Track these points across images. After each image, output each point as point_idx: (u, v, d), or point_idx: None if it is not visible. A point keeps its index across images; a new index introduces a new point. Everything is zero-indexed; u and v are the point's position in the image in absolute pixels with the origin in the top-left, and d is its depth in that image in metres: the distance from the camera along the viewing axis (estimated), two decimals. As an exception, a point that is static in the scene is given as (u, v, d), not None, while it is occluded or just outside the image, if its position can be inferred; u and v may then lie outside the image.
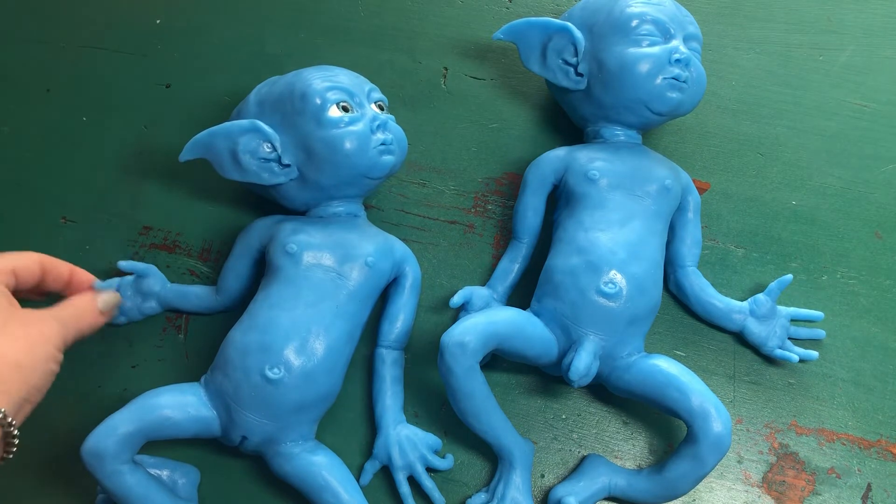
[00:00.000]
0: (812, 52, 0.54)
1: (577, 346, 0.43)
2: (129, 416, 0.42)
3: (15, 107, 0.56)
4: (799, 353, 0.47)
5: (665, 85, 0.46)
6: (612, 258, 0.44)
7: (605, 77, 0.47)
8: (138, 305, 0.50)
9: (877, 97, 0.53)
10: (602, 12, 0.48)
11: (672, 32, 0.47)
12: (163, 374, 0.50)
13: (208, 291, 0.50)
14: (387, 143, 0.45)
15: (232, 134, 0.45)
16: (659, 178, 0.47)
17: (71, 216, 0.54)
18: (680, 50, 0.46)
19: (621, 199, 0.46)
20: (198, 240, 0.53)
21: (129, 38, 0.56)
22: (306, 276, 0.44)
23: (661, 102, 0.46)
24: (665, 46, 0.46)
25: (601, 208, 0.46)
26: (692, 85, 0.47)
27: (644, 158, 0.48)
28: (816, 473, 0.47)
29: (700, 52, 0.48)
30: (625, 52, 0.47)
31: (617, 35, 0.47)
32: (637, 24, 0.47)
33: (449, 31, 0.55)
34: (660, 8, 0.47)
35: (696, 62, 0.47)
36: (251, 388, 0.42)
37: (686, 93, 0.47)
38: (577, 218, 0.46)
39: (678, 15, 0.48)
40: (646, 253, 0.45)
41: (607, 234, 0.45)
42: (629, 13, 0.47)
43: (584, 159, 0.48)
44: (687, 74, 0.46)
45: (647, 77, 0.46)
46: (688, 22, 0.48)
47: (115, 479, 0.41)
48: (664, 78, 0.46)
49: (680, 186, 0.48)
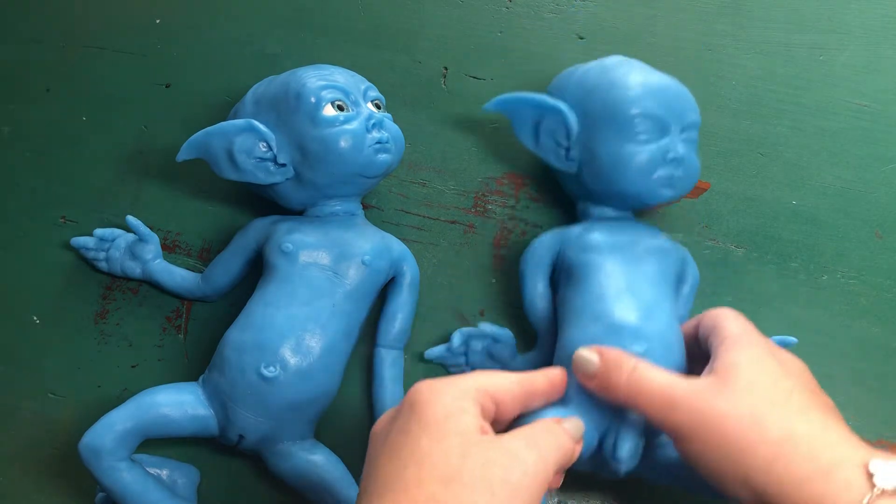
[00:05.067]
0: (813, 51, 0.54)
1: (617, 427, 0.40)
2: (126, 413, 0.42)
3: (15, 107, 0.56)
4: None
5: (658, 182, 0.44)
6: (631, 315, 0.42)
7: (597, 167, 0.45)
8: (122, 261, 0.50)
9: (878, 97, 0.53)
10: (597, 97, 0.46)
11: (670, 126, 0.44)
12: (163, 374, 0.50)
13: (194, 278, 0.50)
14: (382, 142, 0.45)
15: (228, 134, 0.45)
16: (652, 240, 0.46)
17: (71, 216, 0.54)
18: (676, 149, 0.44)
19: (621, 266, 0.44)
20: (198, 239, 0.53)
21: (129, 38, 0.56)
22: (302, 275, 0.44)
23: (653, 197, 0.45)
24: (660, 144, 0.44)
25: (603, 275, 0.44)
26: (685, 179, 0.45)
27: (639, 231, 0.46)
28: (816, 474, 0.47)
29: (696, 138, 0.46)
30: (619, 147, 0.44)
31: (612, 128, 0.45)
32: (634, 119, 0.44)
33: (449, 31, 0.55)
34: (659, 99, 0.44)
35: (690, 156, 0.45)
36: (247, 387, 0.42)
37: (678, 188, 0.45)
38: (582, 286, 0.44)
39: (678, 105, 0.45)
40: (664, 308, 0.43)
41: (619, 296, 0.42)
42: (626, 107, 0.44)
43: (577, 232, 0.46)
44: (680, 173, 0.45)
45: (639, 175, 0.44)
46: (688, 109, 0.46)
47: (111, 476, 0.42)
48: (658, 176, 0.44)
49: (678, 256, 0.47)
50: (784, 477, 0.32)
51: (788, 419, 0.33)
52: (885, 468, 0.30)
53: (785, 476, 0.32)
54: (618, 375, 0.37)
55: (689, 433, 0.34)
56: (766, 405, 0.34)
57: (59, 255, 0.53)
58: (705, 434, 0.34)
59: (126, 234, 0.51)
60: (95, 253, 0.51)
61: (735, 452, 0.33)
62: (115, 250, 0.51)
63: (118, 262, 0.51)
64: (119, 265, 0.51)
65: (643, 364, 0.37)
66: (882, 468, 0.30)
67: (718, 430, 0.34)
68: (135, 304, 0.52)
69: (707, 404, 0.34)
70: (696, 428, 0.34)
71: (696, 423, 0.34)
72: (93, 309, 0.52)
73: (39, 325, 0.52)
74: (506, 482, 0.30)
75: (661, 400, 0.35)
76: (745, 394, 0.34)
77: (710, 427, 0.34)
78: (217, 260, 0.49)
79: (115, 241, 0.51)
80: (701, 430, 0.34)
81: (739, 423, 0.33)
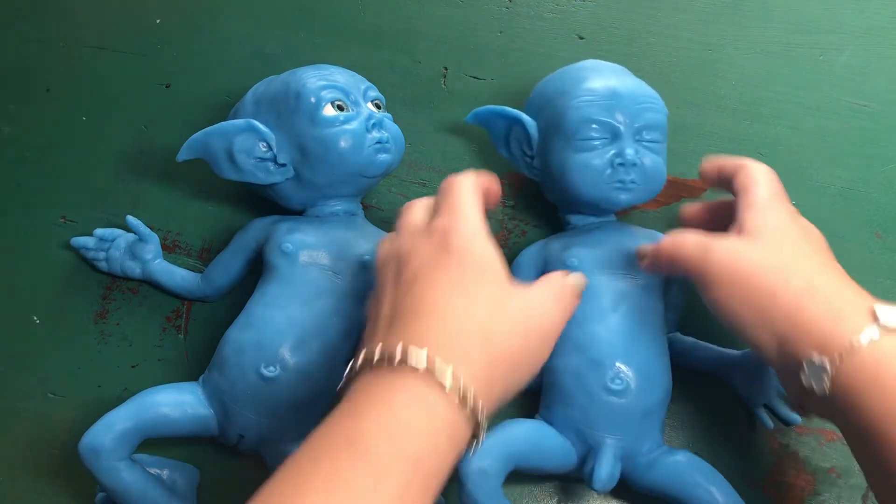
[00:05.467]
0: (812, 51, 0.54)
1: (596, 451, 0.42)
2: (126, 413, 0.42)
3: (15, 107, 0.56)
4: (783, 416, 0.46)
5: (611, 188, 0.44)
6: (613, 351, 0.42)
7: (552, 176, 0.46)
8: (122, 261, 0.50)
9: (877, 97, 0.53)
10: (550, 106, 0.46)
11: (620, 130, 0.44)
12: (163, 374, 0.50)
13: (194, 278, 0.50)
14: (382, 142, 0.45)
15: (227, 133, 0.45)
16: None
17: (71, 216, 0.54)
18: (624, 154, 0.43)
19: (606, 283, 0.44)
20: (198, 239, 0.53)
21: (129, 37, 0.56)
22: (302, 275, 0.44)
23: (611, 203, 0.45)
24: (607, 151, 0.44)
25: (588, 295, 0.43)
26: (644, 182, 0.44)
27: (622, 235, 0.46)
28: (817, 473, 0.47)
29: (660, 137, 0.45)
30: (567, 155, 0.44)
31: (560, 136, 0.45)
32: (579, 127, 0.44)
33: (449, 31, 0.55)
34: (605, 105, 0.44)
35: (646, 157, 0.44)
36: (247, 387, 0.42)
37: (636, 192, 0.44)
38: None
39: (630, 108, 0.44)
40: (645, 335, 0.43)
41: (601, 324, 0.43)
42: (570, 115, 0.44)
43: (559, 249, 0.46)
44: (633, 176, 0.44)
45: (588, 182, 0.44)
46: (644, 110, 0.44)
47: (111, 476, 0.42)
48: (609, 182, 0.44)
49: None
50: (802, 320, 0.35)
51: (809, 273, 0.37)
52: (888, 311, 0.34)
53: (803, 319, 0.35)
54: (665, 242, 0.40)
55: (720, 279, 0.37)
56: (790, 261, 0.37)
57: (59, 255, 0.53)
58: (735, 282, 0.37)
59: (126, 234, 0.51)
60: (95, 253, 0.51)
61: (761, 299, 0.36)
62: (115, 250, 0.51)
63: (118, 262, 0.51)
64: (119, 265, 0.51)
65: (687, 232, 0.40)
66: (885, 311, 0.34)
67: (747, 280, 0.37)
68: (135, 304, 0.52)
69: (738, 255, 0.38)
70: (727, 275, 0.37)
71: (727, 270, 0.37)
72: (93, 309, 0.52)
73: (39, 325, 0.52)
74: (539, 327, 0.35)
75: (698, 249, 0.38)
76: (772, 250, 0.37)
77: (739, 276, 0.37)
78: (217, 260, 0.49)
79: (115, 241, 0.51)
80: (731, 277, 0.37)
81: (766, 274, 0.37)
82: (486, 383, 0.31)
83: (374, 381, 0.31)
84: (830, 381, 0.34)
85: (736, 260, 0.38)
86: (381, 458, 0.28)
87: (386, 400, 0.30)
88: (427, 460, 0.29)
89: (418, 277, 0.34)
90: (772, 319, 0.36)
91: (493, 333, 0.33)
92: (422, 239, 0.36)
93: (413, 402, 0.30)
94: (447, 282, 0.34)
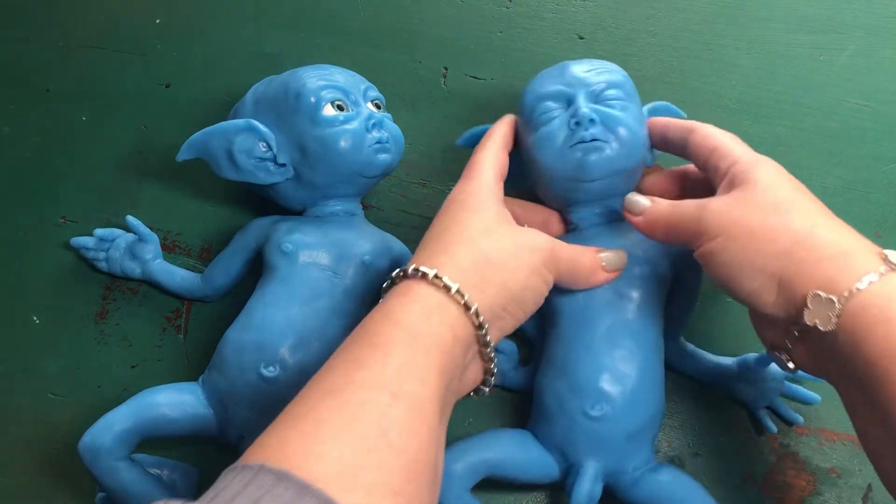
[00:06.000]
0: (813, 51, 0.54)
1: (577, 471, 0.42)
2: (126, 413, 0.42)
3: (15, 107, 0.56)
4: (785, 416, 0.46)
5: (575, 151, 0.42)
6: (597, 377, 0.41)
7: (530, 170, 0.45)
8: (122, 261, 0.50)
9: (878, 97, 0.53)
10: (518, 108, 0.46)
11: (574, 95, 0.42)
12: (162, 374, 0.50)
13: (194, 278, 0.50)
14: (382, 142, 0.45)
15: (227, 133, 0.45)
16: (644, 259, 0.43)
17: (71, 216, 0.54)
18: (579, 111, 0.41)
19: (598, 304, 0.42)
20: (198, 240, 0.53)
21: (129, 38, 0.56)
22: (302, 275, 0.44)
23: (582, 170, 0.42)
24: (565, 119, 0.42)
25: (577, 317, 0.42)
26: (614, 140, 0.42)
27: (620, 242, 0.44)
28: (817, 473, 0.47)
29: (623, 96, 0.43)
30: (531, 141, 0.44)
31: (526, 131, 0.44)
32: (535, 107, 0.43)
33: (449, 31, 0.55)
34: (557, 76, 0.44)
35: (609, 112, 0.42)
36: (247, 387, 0.42)
37: (608, 151, 0.42)
38: (557, 331, 0.44)
39: (582, 74, 0.43)
40: (635, 358, 0.42)
41: (587, 349, 0.42)
42: (526, 101, 0.44)
43: None
44: (594, 131, 0.41)
45: (552, 153, 0.42)
46: (597, 72, 0.43)
47: (111, 476, 0.42)
48: (570, 147, 0.42)
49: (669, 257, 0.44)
50: (805, 258, 0.35)
51: (811, 216, 0.36)
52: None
53: (805, 257, 0.35)
54: (661, 207, 0.40)
55: (717, 230, 0.37)
56: (789, 205, 0.37)
57: (59, 255, 0.53)
58: (733, 230, 0.36)
59: (126, 234, 0.51)
60: (95, 253, 0.51)
61: (760, 243, 0.36)
62: (114, 250, 0.51)
63: (118, 262, 0.51)
64: (119, 265, 0.51)
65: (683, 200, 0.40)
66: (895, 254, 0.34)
67: (746, 226, 0.36)
68: (135, 305, 0.52)
69: (735, 204, 0.37)
70: (725, 227, 0.37)
71: (724, 222, 0.37)
72: (93, 309, 0.52)
73: (39, 325, 0.52)
74: (528, 244, 0.38)
75: (694, 209, 0.38)
76: (770, 196, 0.37)
77: (738, 224, 0.36)
78: (217, 260, 0.49)
79: (115, 241, 0.51)
80: (729, 227, 0.37)
81: (767, 216, 0.36)
82: (473, 278, 0.36)
83: (387, 294, 0.37)
84: (837, 317, 0.33)
85: (733, 209, 0.37)
86: (384, 338, 0.33)
87: (386, 300, 0.36)
88: (424, 335, 0.33)
89: (435, 224, 0.40)
90: (773, 260, 0.35)
91: (479, 241, 0.37)
92: (449, 199, 0.41)
93: (405, 296, 0.35)
94: (450, 218, 0.39)
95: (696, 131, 0.42)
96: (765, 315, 0.37)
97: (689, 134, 0.42)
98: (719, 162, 0.40)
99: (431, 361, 0.33)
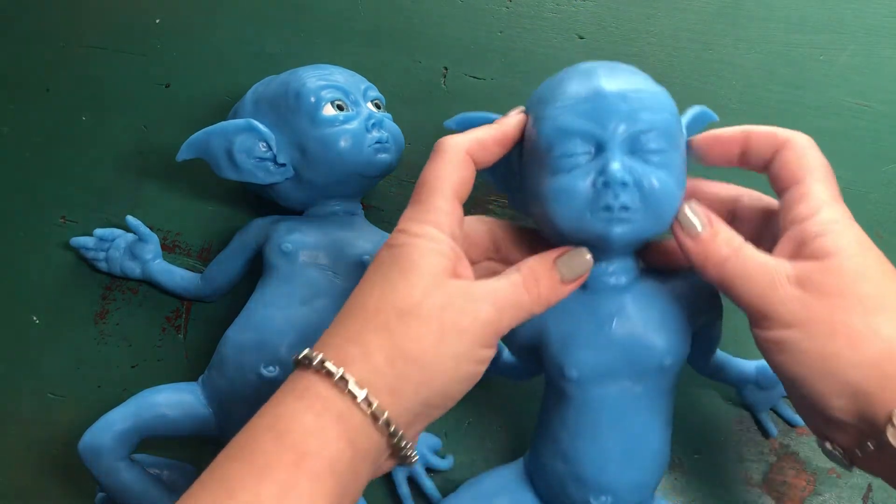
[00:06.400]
0: (813, 51, 0.54)
1: None
2: (126, 413, 0.43)
3: (15, 107, 0.56)
4: (787, 417, 0.46)
5: (597, 217, 0.33)
6: (601, 473, 0.37)
7: (536, 210, 0.36)
8: (122, 261, 0.50)
9: (878, 97, 0.53)
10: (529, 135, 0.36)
11: (606, 140, 0.33)
12: (162, 374, 0.50)
13: (193, 278, 0.50)
14: (382, 142, 0.45)
15: (227, 133, 0.45)
16: (667, 349, 0.37)
17: (71, 216, 0.54)
18: (609, 169, 0.33)
19: (612, 394, 0.37)
20: (197, 240, 0.53)
21: (129, 37, 0.56)
22: (301, 275, 0.44)
23: (601, 238, 0.34)
24: (591, 170, 0.33)
25: (583, 407, 0.38)
26: (643, 208, 0.33)
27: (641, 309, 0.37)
28: (817, 473, 0.47)
29: (665, 146, 0.34)
30: (543, 182, 0.34)
31: (535, 160, 0.35)
32: (554, 144, 0.34)
33: (449, 31, 0.55)
34: (588, 106, 0.34)
35: (646, 172, 0.33)
36: (247, 387, 0.42)
37: (634, 223, 0.33)
38: (559, 410, 0.39)
39: (619, 107, 0.33)
40: (644, 447, 0.38)
41: (593, 443, 0.37)
42: (544, 130, 0.34)
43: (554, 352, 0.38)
44: (624, 200, 0.33)
45: (569, 213, 0.34)
46: (638, 109, 0.33)
47: (111, 476, 0.42)
48: (592, 212, 0.33)
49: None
50: (893, 374, 0.30)
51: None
52: None
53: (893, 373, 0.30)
54: (720, 249, 0.33)
55: (792, 319, 0.31)
56: (878, 300, 0.31)
57: (59, 255, 0.53)
58: (811, 326, 0.31)
59: (126, 234, 0.51)
60: (95, 253, 0.51)
61: (841, 345, 0.30)
62: (114, 250, 0.51)
63: (118, 262, 0.51)
64: (119, 265, 0.51)
65: (748, 246, 0.33)
66: None
67: (826, 322, 0.31)
68: (134, 305, 0.52)
69: (814, 290, 0.31)
70: (801, 319, 0.31)
71: (802, 314, 0.31)
72: (92, 309, 0.52)
73: (39, 325, 0.52)
74: (456, 326, 0.31)
75: (764, 281, 0.32)
76: (857, 285, 0.31)
77: (817, 320, 0.31)
78: (217, 260, 0.49)
79: (114, 241, 0.51)
80: (806, 322, 0.31)
81: (849, 314, 0.31)
82: (388, 378, 0.30)
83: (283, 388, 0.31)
84: None
85: (813, 298, 0.31)
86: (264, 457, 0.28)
87: (279, 399, 0.30)
88: (314, 456, 0.28)
89: (358, 290, 0.33)
90: (854, 370, 0.30)
91: (396, 330, 0.31)
92: (385, 245, 0.34)
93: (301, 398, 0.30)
94: (373, 276, 0.33)
95: (789, 145, 0.35)
96: (828, 416, 0.32)
97: (783, 148, 0.35)
98: (797, 203, 0.34)
99: (319, 487, 0.28)
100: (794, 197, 0.34)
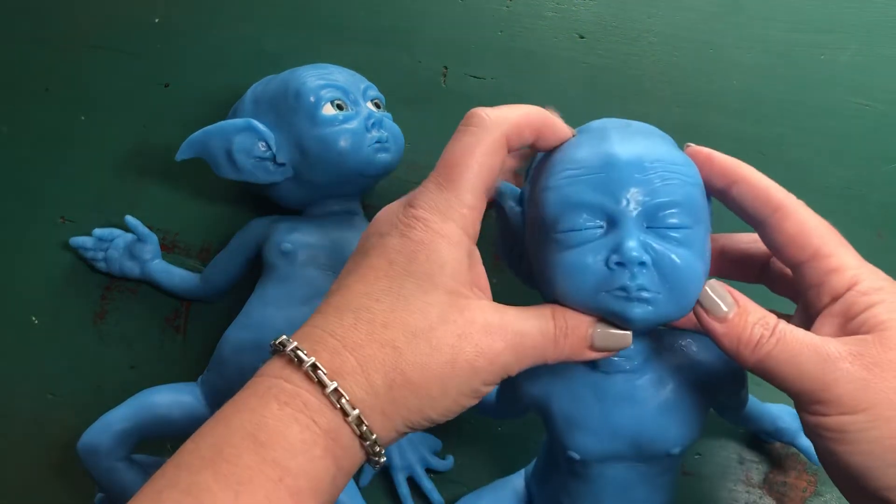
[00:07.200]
0: (814, 51, 0.53)
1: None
2: (125, 413, 0.42)
3: (14, 107, 0.56)
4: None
5: (613, 298, 0.30)
6: None
7: (542, 282, 0.33)
8: (121, 261, 0.50)
9: (879, 96, 0.53)
10: (532, 185, 0.33)
11: (619, 215, 0.30)
12: (162, 374, 0.50)
13: (193, 278, 0.50)
14: (382, 141, 0.45)
15: (227, 133, 0.45)
16: (680, 433, 0.35)
17: (70, 216, 0.54)
18: (624, 247, 0.29)
19: (620, 473, 0.36)
20: (197, 239, 0.53)
21: (128, 37, 0.56)
22: (301, 275, 0.44)
23: (619, 320, 0.31)
24: (603, 246, 0.30)
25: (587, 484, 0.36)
26: (662, 290, 0.30)
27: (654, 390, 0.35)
28: (818, 474, 0.46)
29: (688, 221, 0.30)
30: (550, 256, 0.31)
31: (541, 230, 0.32)
32: (562, 216, 0.30)
33: (449, 30, 0.55)
34: (600, 176, 0.30)
35: (665, 250, 0.30)
36: (246, 387, 0.42)
37: (654, 304, 0.30)
38: (562, 475, 0.37)
39: (634, 176, 0.30)
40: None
41: None
42: (550, 200, 0.31)
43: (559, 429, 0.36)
44: (642, 281, 0.29)
45: (581, 293, 0.30)
46: (656, 178, 0.30)
47: (110, 476, 0.42)
48: (607, 292, 0.30)
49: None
50: None
51: None
52: None
53: None
54: (754, 332, 0.30)
55: (856, 404, 0.28)
56: None
57: (58, 255, 0.53)
58: (878, 405, 0.28)
59: (125, 234, 0.51)
60: (94, 253, 0.51)
61: None
62: (113, 250, 0.51)
63: (117, 262, 0.51)
64: (118, 265, 0.51)
65: (784, 324, 0.30)
66: None
67: (886, 401, 0.28)
68: (134, 305, 0.52)
69: (876, 367, 0.28)
70: (865, 397, 0.28)
71: (863, 390, 0.28)
72: (92, 309, 0.52)
73: (39, 325, 0.52)
74: (469, 364, 0.28)
75: (816, 363, 0.28)
76: None
77: (884, 397, 0.28)
78: (216, 260, 0.49)
79: (113, 241, 0.51)
80: (872, 399, 0.28)
81: None
82: (383, 401, 0.28)
83: (266, 374, 0.28)
84: None
85: (876, 378, 0.28)
86: (241, 470, 0.25)
87: (262, 402, 0.27)
88: (296, 474, 0.26)
89: (361, 263, 0.30)
90: None
91: (406, 351, 0.28)
92: (394, 218, 0.30)
93: (287, 404, 0.27)
94: (384, 278, 0.29)
95: (785, 215, 0.32)
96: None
97: (774, 214, 0.32)
98: (829, 276, 0.30)
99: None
100: (822, 269, 0.31)
